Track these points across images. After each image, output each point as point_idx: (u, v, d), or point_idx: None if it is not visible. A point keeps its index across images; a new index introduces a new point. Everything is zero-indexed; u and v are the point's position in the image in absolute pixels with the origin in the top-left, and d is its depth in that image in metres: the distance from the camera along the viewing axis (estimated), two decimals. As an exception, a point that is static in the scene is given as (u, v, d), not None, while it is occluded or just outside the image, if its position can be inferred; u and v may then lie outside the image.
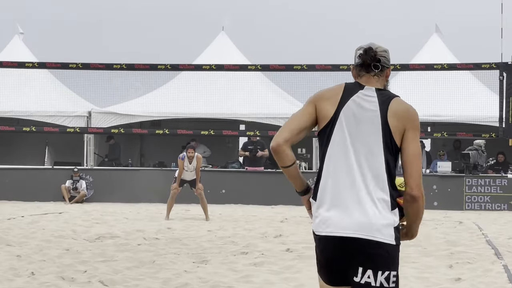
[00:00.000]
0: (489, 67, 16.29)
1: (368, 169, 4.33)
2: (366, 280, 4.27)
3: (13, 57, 25.39)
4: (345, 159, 4.36)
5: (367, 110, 4.37)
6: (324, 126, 4.44)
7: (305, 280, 9.56)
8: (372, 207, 4.27)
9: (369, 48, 4.50)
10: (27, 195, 23.67)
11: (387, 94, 4.46)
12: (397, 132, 4.35)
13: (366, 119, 4.36)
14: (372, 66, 4.48)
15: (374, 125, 4.35)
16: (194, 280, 9.67)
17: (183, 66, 20.46)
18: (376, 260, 4.26)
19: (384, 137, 4.34)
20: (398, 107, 4.39)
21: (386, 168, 4.33)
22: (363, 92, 4.42)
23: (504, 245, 13.93)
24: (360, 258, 4.27)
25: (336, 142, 4.39)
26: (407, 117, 4.39)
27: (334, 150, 4.39)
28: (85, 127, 25.19)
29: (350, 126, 4.37)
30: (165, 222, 17.51)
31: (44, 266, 10.65)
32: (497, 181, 23.30)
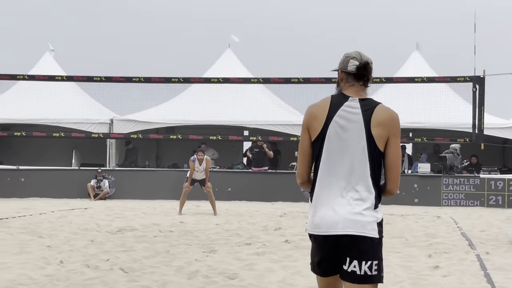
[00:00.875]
0: (463, 80, 16.30)
1: (355, 175, 4.39)
2: (352, 269, 4.35)
3: (44, 72, 25.43)
4: (335, 168, 4.42)
5: (352, 122, 4.40)
6: (315, 139, 4.48)
7: (302, 268, 9.54)
8: (358, 209, 4.34)
9: (366, 63, 4.50)
10: (56, 193, 23.67)
11: (370, 103, 4.45)
12: (380, 139, 4.38)
13: (351, 130, 4.39)
14: (366, 79, 4.51)
15: (359, 136, 4.39)
16: (203, 268, 9.66)
17: (194, 79, 20.46)
18: (361, 252, 4.33)
19: (368, 146, 4.38)
20: (381, 116, 4.40)
21: (371, 173, 4.39)
22: (347, 104, 4.43)
23: (477, 237, 13.92)
24: (348, 250, 4.35)
25: (327, 154, 4.44)
26: (390, 125, 4.40)
27: (325, 161, 4.45)
28: (108, 132, 25.21)
29: (338, 138, 4.42)
30: (178, 217, 17.51)
31: (71, 255, 10.65)
32: (471, 181, 23.31)
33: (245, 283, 8.67)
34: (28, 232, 13.51)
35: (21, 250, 11.07)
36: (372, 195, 4.38)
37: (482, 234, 14.52)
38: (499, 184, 23.06)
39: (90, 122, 25.79)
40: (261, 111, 25.31)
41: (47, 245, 11.78)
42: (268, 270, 9.60)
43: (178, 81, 19.13)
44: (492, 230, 15.21)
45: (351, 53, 4.56)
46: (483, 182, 23.17)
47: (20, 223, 15.27)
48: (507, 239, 13.33)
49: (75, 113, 26.02)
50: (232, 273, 9.34)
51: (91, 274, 9.09)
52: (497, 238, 13.73)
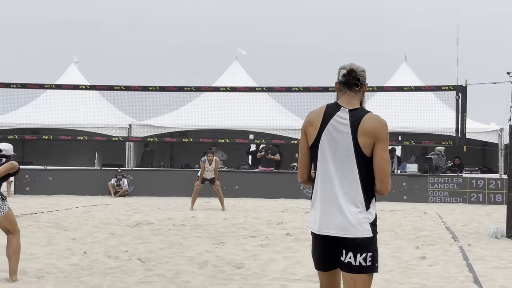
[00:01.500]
0: (447, 88, 16.25)
1: (346, 181, 4.39)
2: (348, 260, 4.36)
3: (70, 81, 25.48)
4: (328, 173, 4.43)
5: (341, 132, 4.40)
6: (312, 144, 4.52)
7: (302, 258, 9.55)
8: (351, 211, 4.35)
9: (351, 70, 4.50)
10: (80, 190, 23.71)
11: (358, 113, 4.43)
12: (366, 147, 4.37)
13: (341, 140, 4.40)
14: (353, 85, 4.49)
15: (347, 144, 4.38)
16: (213, 258, 9.68)
17: (204, 88, 20.44)
18: (355, 247, 4.35)
19: (355, 153, 4.37)
20: (367, 125, 4.38)
21: (360, 177, 4.38)
22: (338, 115, 4.43)
23: (460, 230, 13.92)
24: (343, 246, 4.37)
25: (321, 159, 4.47)
26: (375, 133, 4.37)
27: (320, 166, 4.48)
28: (127, 136, 25.21)
29: (330, 145, 4.43)
30: (190, 212, 17.51)
31: (94, 247, 10.67)
32: (454, 180, 23.32)
33: (251, 272, 8.68)
34: (55, 226, 13.54)
35: (49, 242, 11.10)
36: (362, 198, 4.37)
37: (465, 228, 14.52)
38: (479, 183, 23.07)
39: (111, 126, 25.79)
40: (265, 117, 25.31)
41: (72, 237, 11.80)
42: (271, 260, 9.61)
43: (190, 90, 19.11)
44: (473, 225, 15.20)
45: (343, 64, 4.58)
46: (465, 181, 23.18)
47: (48, 217, 15.30)
48: (487, 232, 13.32)
49: (97, 119, 26.06)
50: (239, 262, 9.36)
51: (112, 264, 9.12)
52: (478, 232, 13.72)
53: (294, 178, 24.04)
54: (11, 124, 25.64)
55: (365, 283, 4.39)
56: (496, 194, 22.78)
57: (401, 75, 26.99)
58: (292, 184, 23.41)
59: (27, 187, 24.10)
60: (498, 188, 22.74)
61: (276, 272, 8.65)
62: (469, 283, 8.02)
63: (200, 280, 8.08)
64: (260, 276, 8.42)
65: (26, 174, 24.02)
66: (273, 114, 25.82)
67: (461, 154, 23.98)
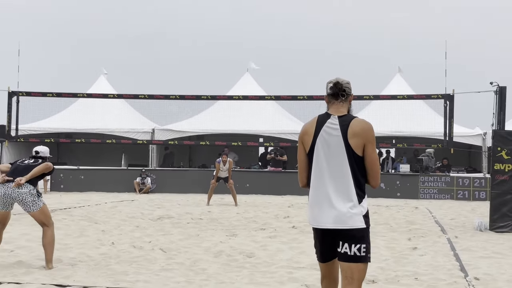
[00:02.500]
0: (436, 97, 16.25)
1: (339, 178, 4.44)
2: (344, 250, 4.40)
3: (99, 91, 25.59)
4: (323, 173, 4.48)
5: (333, 136, 4.46)
6: (309, 151, 4.56)
7: (306, 249, 9.54)
8: (345, 205, 4.38)
9: (337, 82, 4.59)
10: (109, 188, 23.77)
11: (347, 119, 4.49)
12: (357, 147, 4.43)
13: (333, 143, 4.45)
14: (339, 95, 4.56)
15: (339, 146, 4.44)
16: (227, 248, 9.68)
17: (219, 96, 20.51)
18: (349, 238, 4.39)
19: (347, 153, 4.43)
20: (355, 128, 4.45)
21: (353, 174, 4.43)
22: (329, 121, 4.50)
23: (448, 224, 13.89)
24: (340, 237, 4.41)
25: (317, 162, 4.51)
26: (364, 134, 4.44)
27: (316, 168, 4.52)
28: (150, 139, 25.27)
29: (324, 149, 4.48)
30: (206, 207, 17.52)
31: (121, 238, 10.70)
32: (443, 178, 23.28)
33: (260, 261, 8.68)
34: (86, 219, 13.58)
35: (81, 234, 11.13)
36: (355, 193, 4.40)
37: (452, 221, 14.48)
38: (465, 181, 23.04)
39: (136, 131, 25.84)
40: (273, 122, 25.34)
41: (101, 229, 11.83)
42: (278, 250, 9.61)
43: (207, 98, 19.17)
44: (460, 219, 15.15)
45: (330, 79, 4.66)
46: (453, 180, 23.15)
47: (80, 212, 15.35)
48: (472, 226, 13.29)
49: (124, 124, 26.11)
50: (250, 252, 9.36)
51: (137, 253, 9.14)
52: (464, 225, 13.68)
53: (299, 177, 24.04)
54: (48, 129, 25.74)
55: (360, 272, 4.41)
56: (480, 191, 22.74)
57: (395, 85, 26.93)
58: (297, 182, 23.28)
59: (62, 185, 24.18)
60: (482, 186, 22.70)
61: (283, 261, 8.66)
62: (456, 271, 8.00)
63: (216, 268, 8.09)
64: (269, 264, 8.42)
65: (60, 173, 24.11)
66: (280, 120, 25.85)
67: (449, 156, 23.89)
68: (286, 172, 24.58)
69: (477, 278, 7.57)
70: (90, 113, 25.97)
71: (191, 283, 7.09)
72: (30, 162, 8.22)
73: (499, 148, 12.94)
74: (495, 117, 13.40)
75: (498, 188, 12.91)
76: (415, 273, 7.86)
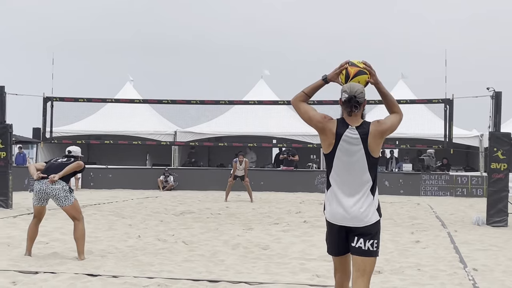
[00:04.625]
0: (437, 101, 16.18)
1: (359, 183, 4.37)
2: (358, 245, 4.35)
3: (126, 96, 25.69)
4: (343, 178, 4.39)
5: (354, 145, 4.35)
6: (328, 153, 4.45)
7: (316, 242, 9.53)
8: (363, 206, 4.34)
9: (351, 97, 4.39)
10: (135, 185, 23.84)
11: (364, 127, 4.40)
12: (375, 149, 4.39)
13: (355, 154, 4.36)
14: (353, 107, 4.41)
15: (360, 155, 4.36)
16: (243, 241, 9.69)
17: (236, 101, 20.51)
18: (364, 234, 4.35)
19: (368, 161, 4.37)
20: (372, 131, 4.38)
21: (371, 178, 4.38)
22: (349, 131, 4.37)
23: (448, 219, 13.83)
24: (355, 233, 4.36)
25: (337, 167, 4.41)
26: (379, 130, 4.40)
27: (336, 172, 4.42)
28: (173, 141, 25.33)
29: (345, 157, 4.38)
30: (224, 203, 17.54)
31: (146, 231, 10.73)
32: (443, 177, 23.20)
33: (274, 253, 8.68)
34: (114, 214, 13.63)
35: (110, 227, 11.17)
36: (371, 194, 4.38)
37: (451, 216, 14.41)
38: (464, 180, 22.97)
39: (160, 133, 25.92)
40: (286, 125, 25.30)
41: (128, 223, 11.88)
42: (291, 243, 9.60)
43: (224, 103, 19.21)
44: (459, 214, 15.09)
45: (344, 85, 4.48)
46: (452, 178, 23.07)
47: (109, 207, 15.41)
48: (470, 221, 13.23)
49: (149, 127, 26.19)
50: (265, 245, 9.37)
51: (161, 246, 9.16)
52: (463, 220, 13.62)
53: (310, 175, 24.08)
54: (79, 131, 25.86)
55: (371, 265, 4.38)
56: (478, 188, 22.63)
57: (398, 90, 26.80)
58: (308, 181, 23.42)
59: (92, 182, 24.29)
60: (479, 184, 22.59)
61: (296, 253, 8.65)
62: (456, 262, 7.97)
63: (233, 259, 8.09)
64: (282, 256, 8.42)
65: (91, 172, 24.21)
66: (292, 123, 25.78)
67: (448, 156, 23.81)
68: (298, 171, 24.57)
69: (475, 269, 7.54)
70: (117, 117, 26.07)
71: (211, 273, 7.10)
72: (63, 160, 8.27)
73: (495, 149, 12.91)
74: (492, 120, 13.34)
75: (494, 185, 12.88)
76: (418, 264, 7.83)
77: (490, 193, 12.96)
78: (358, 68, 4.49)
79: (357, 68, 4.49)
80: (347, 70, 4.51)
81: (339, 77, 4.55)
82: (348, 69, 4.50)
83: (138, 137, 25.06)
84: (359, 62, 4.53)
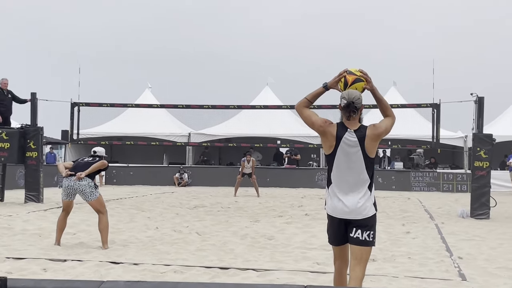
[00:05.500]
0: (425, 106, 16.14)
1: (357, 180, 4.39)
2: (356, 236, 4.37)
3: (145, 101, 25.73)
4: (343, 176, 4.41)
5: (352, 147, 4.37)
6: (329, 154, 4.46)
7: (317, 233, 9.52)
8: (361, 201, 4.37)
9: (350, 103, 4.40)
10: (153, 182, 23.87)
11: (362, 130, 4.41)
12: (372, 148, 4.41)
13: (354, 154, 4.38)
14: (352, 112, 4.42)
15: (358, 157, 4.38)
16: (251, 232, 9.69)
17: (244, 106, 20.54)
18: (362, 226, 4.37)
19: (365, 162, 4.39)
20: (369, 134, 4.39)
21: (369, 176, 4.41)
22: (348, 134, 4.38)
23: (435, 212, 13.79)
24: (354, 225, 4.38)
25: (337, 167, 4.42)
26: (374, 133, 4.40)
27: (336, 171, 4.44)
28: (187, 142, 25.37)
29: (344, 158, 4.39)
30: (233, 198, 17.54)
31: (163, 223, 10.74)
32: (430, 174, 23.15)
33: (279, 242, 8.68)
34: (135, 208, 13.65)
35: (130, 220, 11.19)
36: (368, 190, 4.42)
37: (439, 210, 14.37)
38: (450, 176, 22.93)
39: (175, 135, 25.96)
40: (289, 128, 25.32)
41: (147, 216, 11.89)
42: (294, 234, 9.59)
43: (234, 107, 19.22)
44: (445, 208, 15.04)
45: (343, 92, 4.49)
46: (439, 175, 23.02)
47: (130, 202, 15.44)
48: (456, 213, 13.19)
49: (165, 129, 26.23)
50: (270, 235, 9.36)
51: (177, 236, 9.17)
52: (449, 213, 13.58)
53: (311, 172, 24.05)
54: (103, 133, 25.92)
55: (367, 254, 4.40)
56: (462, 184, 22.57)
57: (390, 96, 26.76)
58: (309, 177, 23.39)
59: (114, 179, 24.33)
60: (464, 180, 22.54)
61: (298, 243, 8.64)
62: (443, 251, 7.94)
63: (242, 248, 8.09)
64: (286, 245, 8.41)
65: (113, 170, 24.27)
66: (294, 125, 25.82)
67: (436, 155, 23.77)
68: (300, 169, 24.56)
69: (460, 257, 7.52)
70: (137, 120, 26.12)
71: (222, 261, 7.10)
72: (89, 160, 8.29)
73: (478, 149, 12.88)
74: (475, 123, 13.31)
75: (477, 182, 12.85)
76: (408, 253, 7.82)
77: (473, 189, 12.93)
78: (355, 76, 4.50)
79: (355, 76, 4.50)
80: (346, 78, 4.51)
81: (338, 85, 4.56)
82: (347, 77, 4.50)
83: (156, 138, 25.10)
84: (356, 70, 4.54)
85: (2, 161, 14.63)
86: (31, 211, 12.30)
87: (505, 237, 9.57)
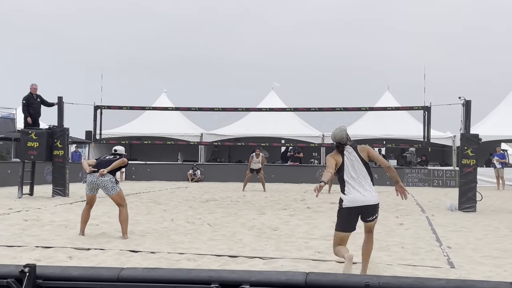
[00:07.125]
0: (417, 108, 16.07)
1: (362, 177, 5.47)
2: (371, 218, 5.52)
3: (161, 105, 25.73)
4: (352, 176, 5.46)
5: (353, 155, 5.52)
6: (340, 166, 5.50)
7: (318, 224, 9.52)
8: (369, 191, 5.44)
9: (339, 144, 5.52)
10: (168, 177, 23.90)
11: (354, 147, 5.55)
12: (365, 157, 5.52)
13: (354, 160, 5.50)
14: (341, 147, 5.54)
15: (358, 161, 5.49)
16: (258, 223, 9.68)
17: (252, 109, 20.54)
18: (374, 211, 5.51)
19: (363, 164, 5.49)
20: (360, 150, 5.54)
21: (369, 175, 5.50)
22: (347, 150, 5.53)
23: (426, 205, 13.75)
24: (371, 209, 5.46)
25: (347, 171, 5.49)
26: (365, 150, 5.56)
27: (347, 173, 5.47)
28: (199, 141, 25.39)
29: (350, 164, 5.50)
30: (242, 192, 17.54)
31: (178, 216, 10.75)
32: (422, 171, 23.09)
33: (283, 233, 8.67)
34: (152, 201, 13.68)
35: (148, 212, 11.22)
36: (372, 184, 5.47)
37: (429, 203, 14.33)
38: (439, 173, 22.88)
39: (189, 135, 25.99)
40: (292, 128, 25.33)
41: (163, 209, 11.91)
42: (297, 225, 9.58)
43: (242, 110, 19.23)
44: (435, 201, 15.00)
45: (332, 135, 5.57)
46: (430, 172, 22.97)
47: (147, 195, 15.47)
48: (445, 207, 13.15)
49: (180, 130, 26.27)
50: (275, 226, 9.35)
51: (190, 227, 9.18)
52: (438, 206, 13.54)
53: (312, 169, 24.02)
54: (123, 133, 25.99)
55: (374, 225, 5.62)
56: (451, 180, 22.51)
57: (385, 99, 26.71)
58: (310, 174, 23.34)
59: (133, 175, 24.37)
60: (452, 176, 22.47)
61: (301, 233, 8.63)
62: (433, 241, 7.92)
63: (249, 238, 8.09)
64: (290, 236, 8.41)
65: (132, 167, 24.31)
66: (297, 126, 25.85)
67: (427, 153, 23.72)
68: (302, 166, 24.54)
69: (449, 247, 7.50)
70: (154, 122, 26.17)
71: (231, 249, 7.10)
72: (111, 157, 8.31)
73: (466, 147, 12.85)
74: (463, 124, 13.27)
75: (465, 178, 12.81)
76: (402, 243, 7.80)
77: (461, 184, 12.89)
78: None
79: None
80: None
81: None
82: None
83: (171, 138, 25.14)
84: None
85: (32, 159, 14.70)
86: (58, 204, 12.36)
87: (490, 228, 9.54)
